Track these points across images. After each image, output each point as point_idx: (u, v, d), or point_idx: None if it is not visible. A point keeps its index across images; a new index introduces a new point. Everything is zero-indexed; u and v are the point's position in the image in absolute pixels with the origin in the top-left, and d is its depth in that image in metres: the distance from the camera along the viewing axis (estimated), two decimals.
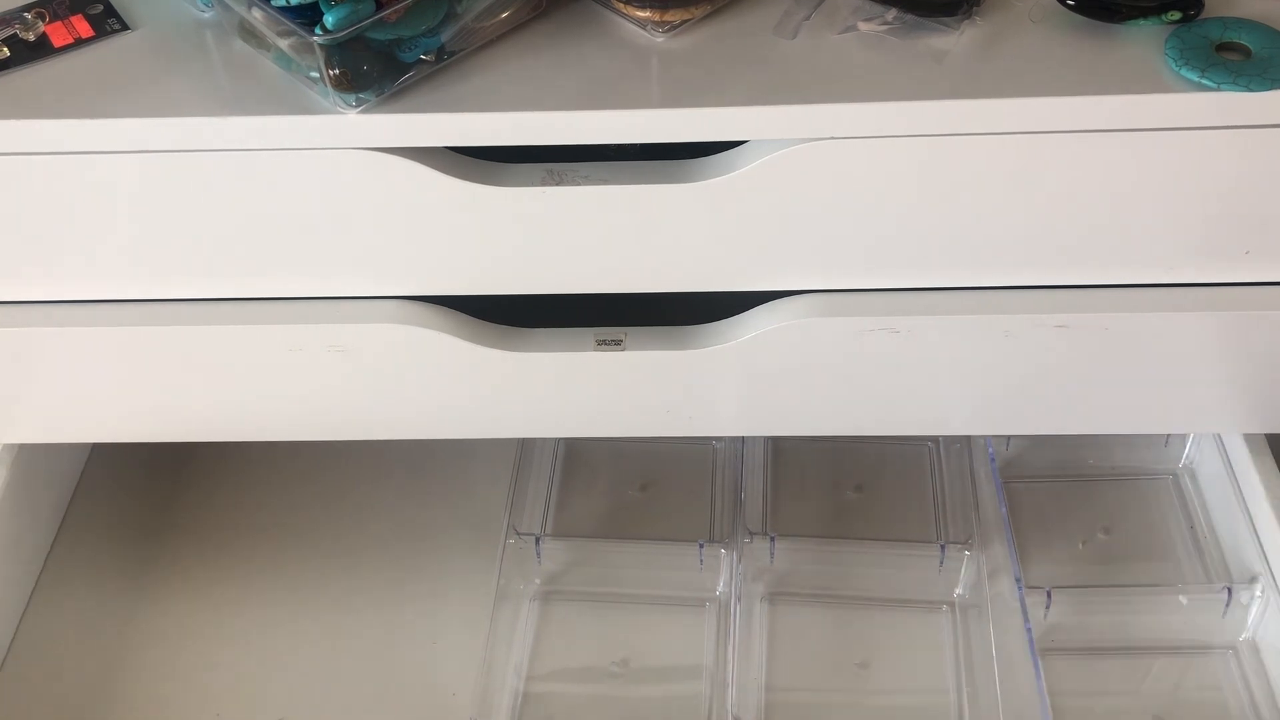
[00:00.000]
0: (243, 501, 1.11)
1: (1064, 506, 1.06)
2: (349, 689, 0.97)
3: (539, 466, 1.09)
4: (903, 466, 1.10)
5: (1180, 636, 0.97)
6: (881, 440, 1.12)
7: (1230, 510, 1.01)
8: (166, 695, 0.98)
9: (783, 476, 1.09)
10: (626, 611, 1.00)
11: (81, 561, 1.07)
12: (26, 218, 0.80)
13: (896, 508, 1.07)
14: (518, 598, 1.00)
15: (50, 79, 0.76)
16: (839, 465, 1.10)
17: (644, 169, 0.79)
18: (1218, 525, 1.03)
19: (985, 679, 0.93)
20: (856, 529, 1.05)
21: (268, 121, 0.74)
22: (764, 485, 1.08)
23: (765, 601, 1.00)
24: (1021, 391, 0.90)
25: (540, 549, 1.01)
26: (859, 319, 0.85)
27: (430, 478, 1.12)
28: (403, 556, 1.06)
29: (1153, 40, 0.75)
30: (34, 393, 0.90)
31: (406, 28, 0.73)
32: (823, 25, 0.77)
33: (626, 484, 1.09)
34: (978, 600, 0.98)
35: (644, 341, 0.88)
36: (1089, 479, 1.08)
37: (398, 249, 0.82)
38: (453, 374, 0.88)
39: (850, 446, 1.12)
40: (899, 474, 1.09)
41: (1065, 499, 1.07)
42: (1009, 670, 0.92)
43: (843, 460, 1.11)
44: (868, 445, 1.12)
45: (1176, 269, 0.83)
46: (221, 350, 0.87)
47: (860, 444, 1.12)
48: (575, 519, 1.07)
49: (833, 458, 1.11)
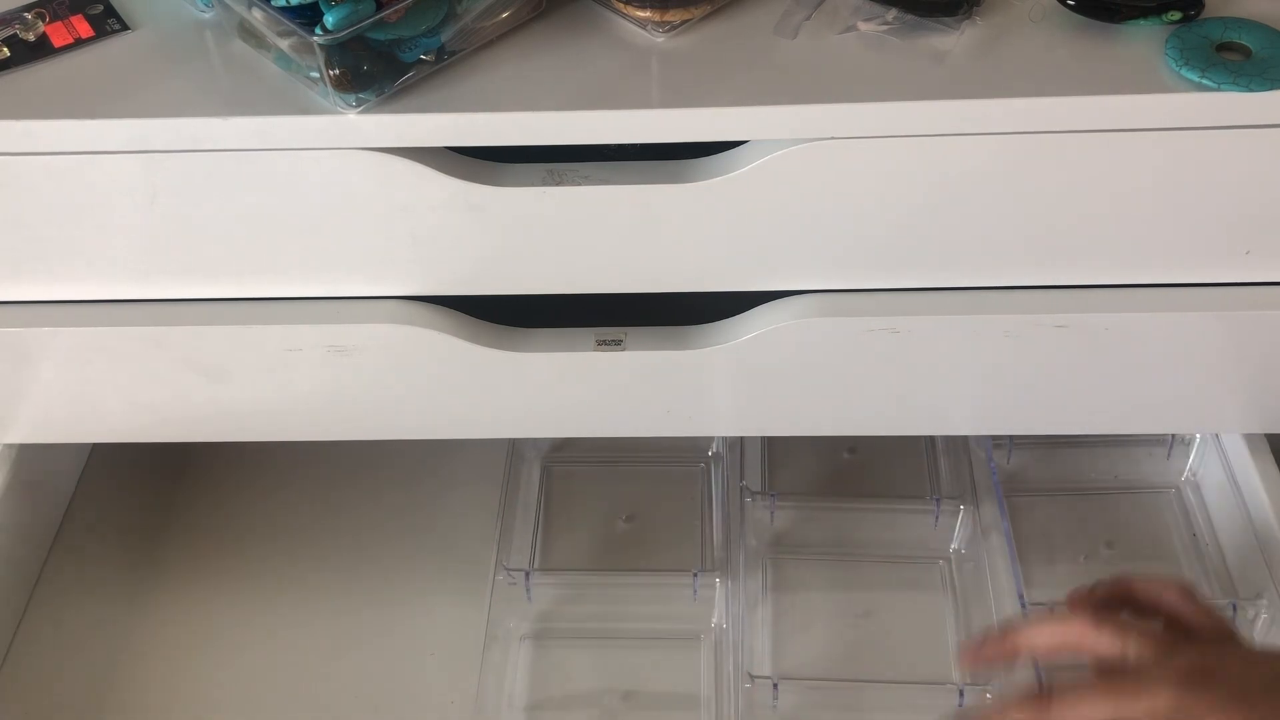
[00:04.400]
0: (243, 502, 1.11)
1: (1066, 520, 1.05)
2: (349, 689, 0.98)
3: (525, 498, 1.08)
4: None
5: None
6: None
7: (1235, 524, 1.00)
8: (166, 695, 0.97)
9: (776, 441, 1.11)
10: (620, 647, 0.99)
11: (81, 562, 1.07)
12: (26, 218, 0.80)
13: (892, 467, 1.09)
14: (507, 637, 0.99)
15: (50, 79, 0.76)
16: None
17: (644, 169, 0.79)
18: (1222, 539, 1.02)
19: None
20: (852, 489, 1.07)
21: (267, 122, 0.74)
22: (760, 450, 1.10)
23: (769, 562, 1.01)
24: (1021, 391, 0.90)
25: (530, 584, 1.00)
26: (859, 319, 0.85)
27: (422, 487, 1.11)
28: (401, 557, 1.06)
29: (1153, 40, 0.75)
30: (34, 393, 0.90)
31: (406, 28, 0.73)
32: (823, 25, 0.77)
33: (614, 514, 1.08)
34: (974, 555, 1.00)
35: (644, 341, 0.88)
36: (1091, 492, 1.08)
37: (398, 249, 0.82)
38: (452, 374, 0.88)
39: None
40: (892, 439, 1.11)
41: (1067, 513, 1.06)
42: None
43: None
44: None
45: (1176, 269, 0.83)
46: (221, 350, 0.87)
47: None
48: (562, 552, 1.06)
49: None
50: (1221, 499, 1.03)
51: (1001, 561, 0.97)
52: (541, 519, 1.08)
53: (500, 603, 0.99)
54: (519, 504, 1.07)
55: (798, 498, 1.06)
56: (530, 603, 1.00)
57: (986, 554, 0.99)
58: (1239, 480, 1.00)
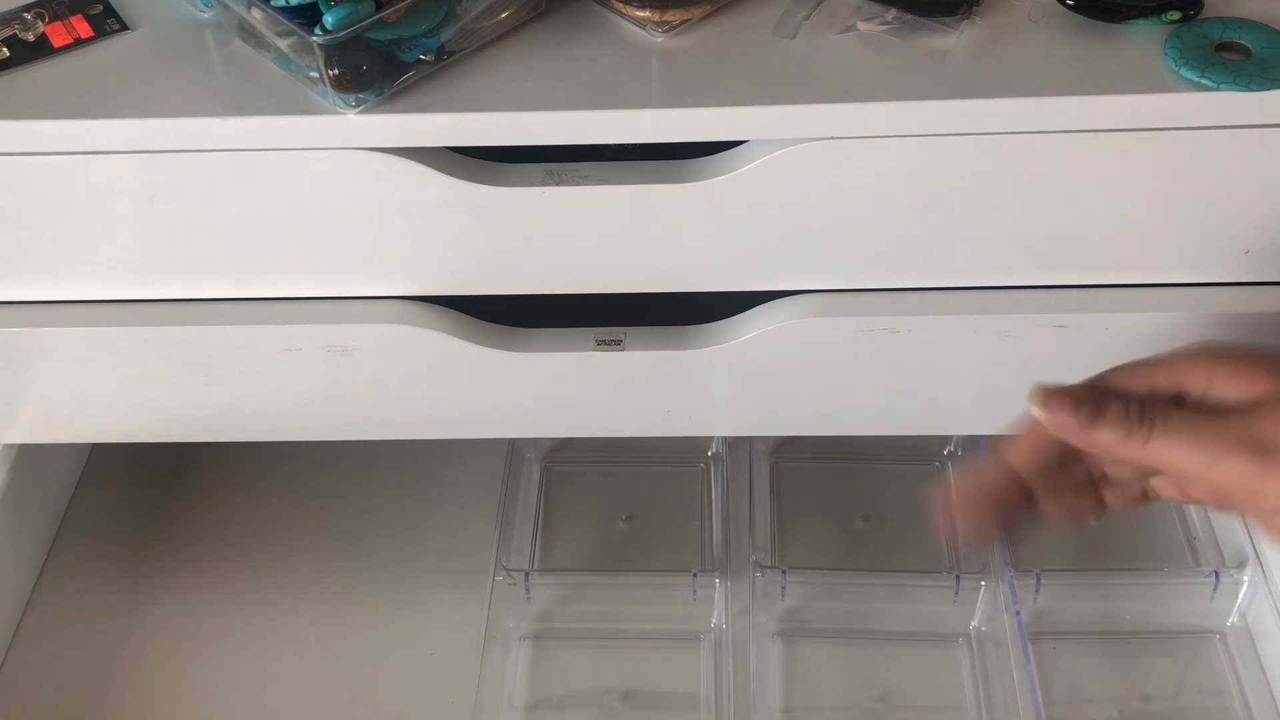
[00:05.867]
0: (242, 502, 1.11)
1: None
2: (348, 689, 0.98)
3: (525, 498, 1.08)
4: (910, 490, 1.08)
5: (1168, 621, 0.97)
6: (888, 461, 1.11)
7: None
8: (166, 695, 0.98)
9: (788, 503, 1.08)
10: (620, 647, 0.99)
11: (81, 561, 1.07)
12: (26, 218, 0.80)
13: (907, 536, 1.05)
14: (506, 637, 0.99)
15: (50, 79, 0.76)
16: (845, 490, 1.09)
17: (644, 169, 0.79)
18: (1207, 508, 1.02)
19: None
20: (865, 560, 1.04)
21: (267, 121, 0.74)
22: (770, 515, 1.06)
23: (778, 638, 0.99)
24: (1021, 391, 0.90)
25: (530, 584, 1.00)
26: (859, 319, 0.85)
27: (421, 487, 1.11)
28: (400, 559, 1.06)
29: (1152, 40, 0.75)
30: (34, 393, 0.90)
31: (406, 28, 0.73)
32: (823, 25, 0.77)
33: (613, 514, 1.08)
34: (994, 632, 0.97)
35: (644, 341, 0.88)
36: None
37: (397, 249, 0.82)
38: (452, 374, 0.88)
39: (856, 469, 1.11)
40: (908, 499, 1.07)
41: None
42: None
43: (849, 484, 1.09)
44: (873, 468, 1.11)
45: (1176, 269, 0.83)
46: (221, 350, 0.87)
47: (866, 466, 1.11)
48: (562, 553, 1.06)
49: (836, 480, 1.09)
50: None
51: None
52: (541, 519, 1.08)
53: (500, 603, 0.99)
54: (519, 504, 1.07)
55: (809, 571, 1.02)
56: (530, 603, 1.00)
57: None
58: None
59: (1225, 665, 0.95)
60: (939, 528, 0.69)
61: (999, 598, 0.97)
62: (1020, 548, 1.01)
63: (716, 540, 1.03)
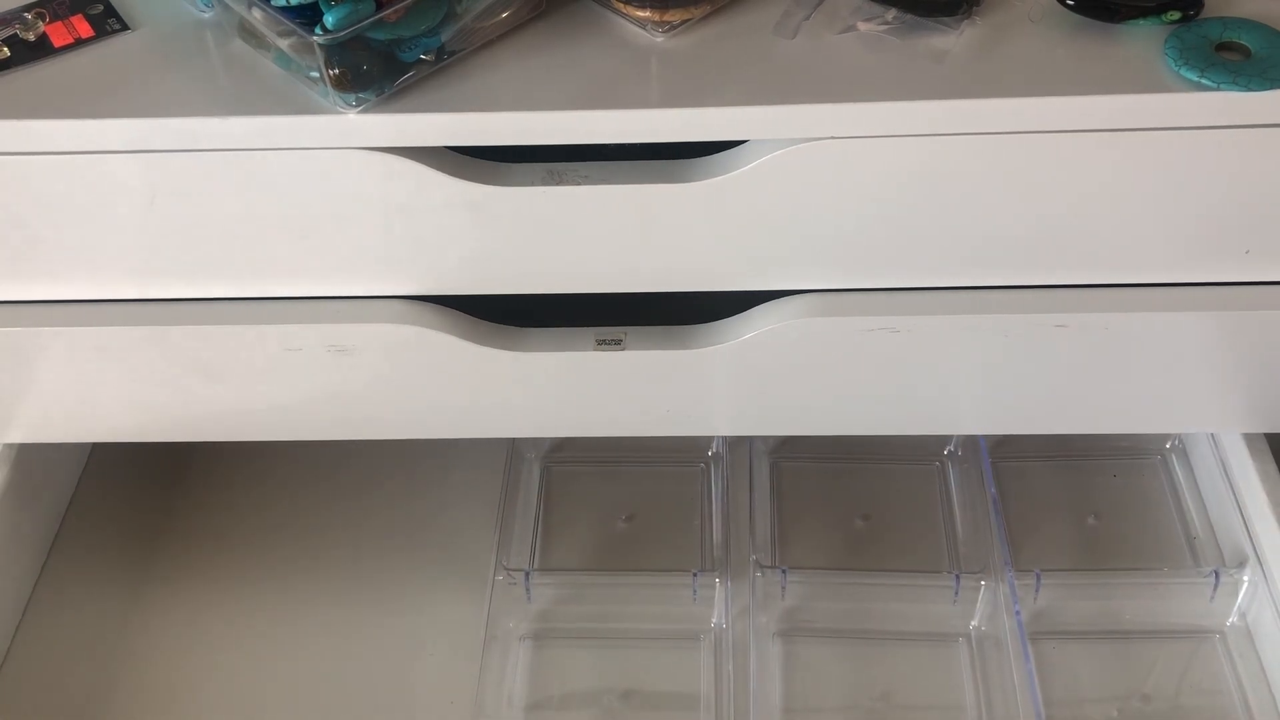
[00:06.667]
0: (242, 502, 1.11)
1: (1053, 489, 1.06)
2: (348, 689, 0.97)
3: (525, 498, 1.07)
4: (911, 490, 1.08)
5: (1168, 621, 0.97)
6: (888, 461, 1.11)
7: (1219, 493, 1.01)
8: (166, 695, 0.97)
9: (788, 503, 1.07)
10: (620, 647, 0.98)
11: (81, 561, 1.07)
12: (26, 218, 0.80)
13: (907, 535, 1.05)
14: (506, 637, 0.99)
15: (50, 79, 0.76)
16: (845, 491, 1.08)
17: (644, 169, 0.79)
18: (1208, 507, 1.03)
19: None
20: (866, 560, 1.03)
21: (268, 121, 0.74)
22: (770, 515, 1.05)
23: (778, 638, 0.98)
24: (1021, 391, 0.90)
25: (530, 584, 0.99)
26: (859, 319, 0.85)
27: (422, 487, 1.11)
28: (400, 559, 1.06)
29: (1152, 40, 0.75)
30: (34, 393, 0.90)
31: (406, 28, 0.73)
32: (823, 25, 0.77)
33: (613, 514, 1.08)
34: (994, 631, 0.97)
35: (644, 341, 0.88)
36: (1078, 459, 1.08)
37: (398, 249, 0.82)
38: (453, 374, 0.88)
39: (856, 469, 1.10)
40: (908, 499, 1.07)
41: (1054, 481, 1.06)
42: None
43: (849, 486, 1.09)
44: (873, 468, 1.10)
45: (1176, 269, 0.83)
46: (221, 350, 0.87)
47: (865, 466, 1.10)
48: (562, 553, 1.05)
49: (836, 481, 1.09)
50: (1206, 467, 1.03)
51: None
52: (541, 519, 1.08)
53: (500, 603, 0.99)
54: (519, 504, 1.07)
55: (809, 571, 1.01)
56: (530, 603, 1.00)
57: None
58: (1223, 449, 1.01)
59: (1225, 665, 0.95)
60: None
61: (999, 597, 0.97)
62: (1020, 548, 1.01)
63: (716, 540, 1.03)
